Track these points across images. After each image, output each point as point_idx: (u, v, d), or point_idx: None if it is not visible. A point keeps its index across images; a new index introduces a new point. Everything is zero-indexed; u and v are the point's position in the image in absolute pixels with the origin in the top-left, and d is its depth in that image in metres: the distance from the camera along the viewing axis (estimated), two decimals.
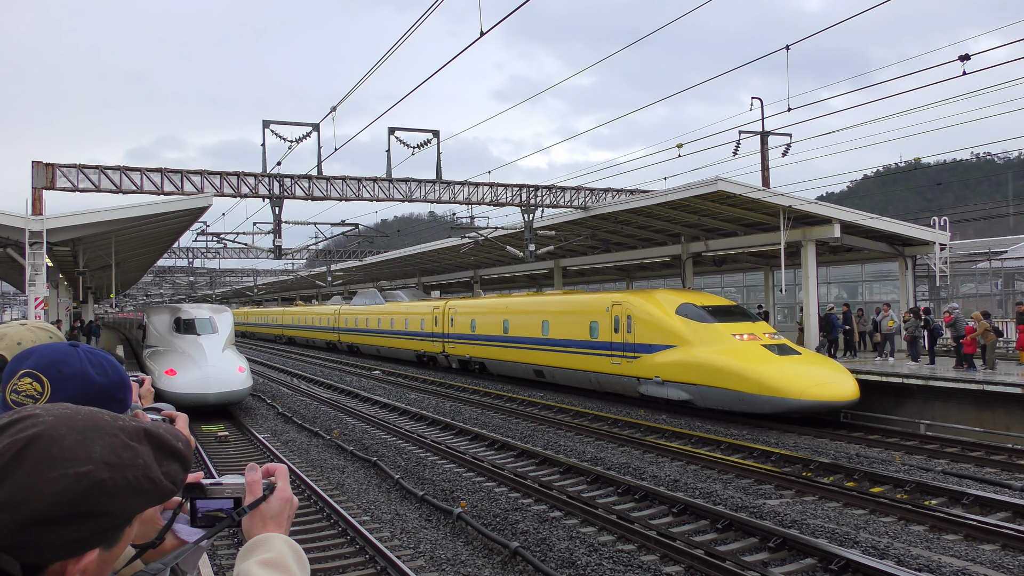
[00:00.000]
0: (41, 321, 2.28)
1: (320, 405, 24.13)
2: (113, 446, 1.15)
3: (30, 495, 1.06)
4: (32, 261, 19.35)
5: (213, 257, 44.89)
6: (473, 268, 42.53)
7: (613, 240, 30.47)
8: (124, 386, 1.69)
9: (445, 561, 9.63)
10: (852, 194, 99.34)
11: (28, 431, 1.11)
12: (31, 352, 1.67)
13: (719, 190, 20.46)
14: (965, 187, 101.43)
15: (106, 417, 1.20)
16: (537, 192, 25.52)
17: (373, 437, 18.11)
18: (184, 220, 23.78)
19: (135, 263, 37.11)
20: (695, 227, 26.18)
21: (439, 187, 24.40)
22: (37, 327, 2.17)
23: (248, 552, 1.47)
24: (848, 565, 8.71)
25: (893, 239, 24.91)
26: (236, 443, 18.42)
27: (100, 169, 20.74)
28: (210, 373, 21.38)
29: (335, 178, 23.36)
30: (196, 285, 68.28)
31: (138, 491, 1.16)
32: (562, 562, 9.36)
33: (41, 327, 2.17)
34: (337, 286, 60.09)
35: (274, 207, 23.03)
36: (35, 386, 1.60)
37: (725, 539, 10.15)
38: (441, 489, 13.05)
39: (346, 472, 14.73)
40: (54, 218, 19.57)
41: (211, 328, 23.54)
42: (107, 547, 1.16)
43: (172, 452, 1.25)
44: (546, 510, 11.67)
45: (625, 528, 10.39)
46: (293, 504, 1.59)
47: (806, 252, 23.20)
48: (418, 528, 11.05)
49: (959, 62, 14.23)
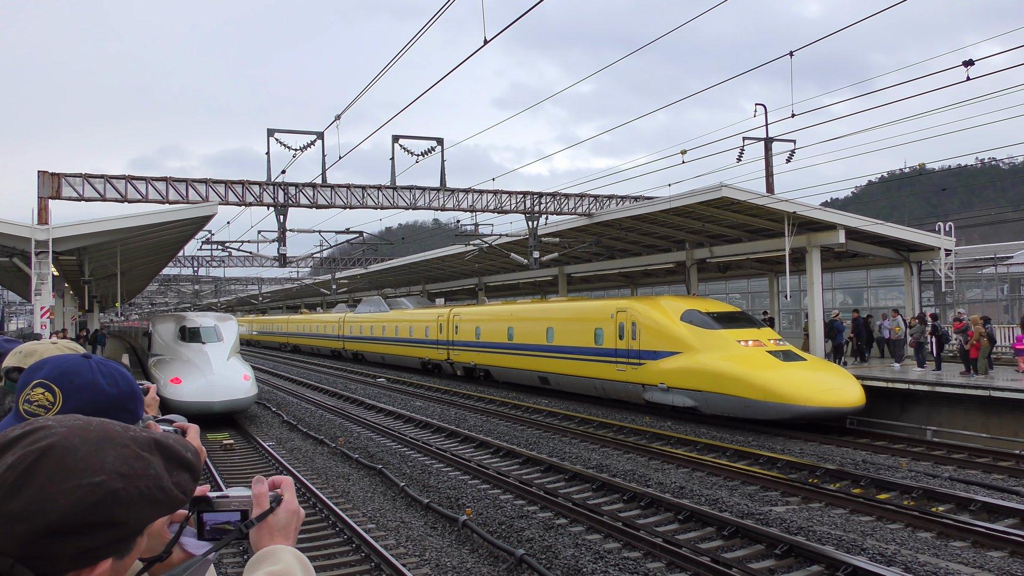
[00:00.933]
0: (70, 342, 2.30)
1: (325, 413, 24.13)
2: (125, 456, 1.16)
3: (45, 506, 1.07)
4: (38, 270, 19.40)
5: (218, 265, 44.95)
6: (477, 275, 42.54)
7: (617, 247, 30.48)
8: (135, 397, 1.71)
9: (450, 569, 9.62)
10: (857, 200, 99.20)
11: (42, 442, 1.12)
12: (44, 363, 1.69)
13: (723, 196, 20.45)
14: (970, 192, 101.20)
15: (117, 428, 1.21)
16: (541, 199, 25.54)
17: (378, 445, 18.10)
18: (189, 229, 23.84)
19: (140, 272, 37.19)
20: (699, 233, 26.16)
21: (443, 195, 24.43)
22: (67, 347, 2.19)
23: (256, 564, 1.48)
24: (855, 572, 8.68)
25: (898, 245, 24.85)
26: (241, 451, 18.42)
27: (105, 178, 20.81)
28: (215, 381, 21.41)
29: (339, 186, 23.41)
30: (201, 293, 68.39)
31: (150, 501, 1.17)
32: (568, 569, 9.34)
33: (70, 347, 2.19)
34: (342, 294, 60.16)
35: (279, 215, 23.06)
36: (47, 396, 1.62)
37: (731, 546, 10.12)
38: (446, 496, 13.04)
39: (351, 480, 14.72)
40: (60, 227, 19.62)
41: (216, 336, 23.59)
42: (119, 557, 1.17)
43: (182, 462, 1.26)
44: (551, 517, 11.65)
45: (631, 535, 10.37)
46: (300, 516, 1.60)
47: (811, 258, 23.16)
48: (423, 536, 11.04)
49: (963, 67, 14.24)
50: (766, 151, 27.78)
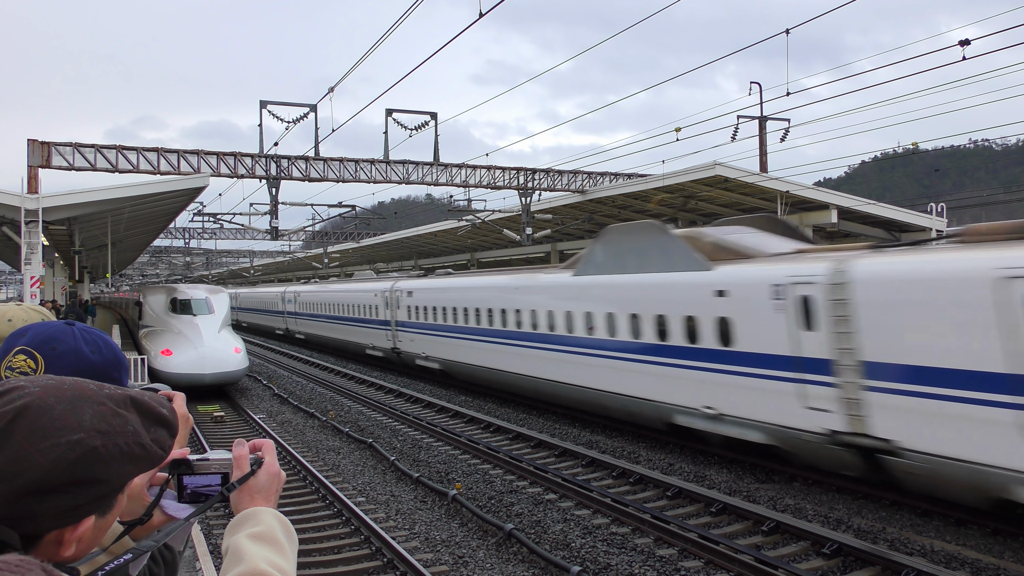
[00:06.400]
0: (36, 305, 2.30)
1: (316, 386, 24.16)
2: (102, 414, 1.16)
3: (24, 465, 1.07)
4: (28, 240, 19.27)
5: (210, 238, 44.76)
6: (470, 251, 42.50)
7: (610, 224, 30.45)
8: (119, 364, 1.69)
9: (440, 542, 9.68)
10: (849, 180, 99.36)
11: (16, 403, 1.11)
12: (26, 329, 1.67)
13: (717, 175, 20.45)
14: (963, 173, 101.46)
15: (91, 386, 1.20)
16: (535, 175, 25.46)
17: (369, 419, 18.14)
18: (181, 200, 23.69)
19: (131, 243, 36.99)
20: (693, 211, 26.16)
21: (436, 169, 24.32)
22: (31, 308, 2.19)
23: (237, 526, 1.47)
24: (839, 549, 8.77)
25: (890, 225, 24.92)
26: (232, 423, 18.45)
27: (96, 148, 20.63)
28: (206, 354, 21.39)
29: (332, 159, 23.27)
30: (192, 265, 68.14)
31: (130, 457, 1.17)
32: (556, 544, 9.41)
33: (35, 309, 2.19)
34: (334, 268, 60.02)
35: (271, 188, 22.93)
36: (29, 363, 1.60)
37: (719, 523, 10.21)
38: (436, 471, 13.10)
39: (342, 453, 14.77)
40: (50, 196, 19.46)
41: (207, 309, 23.53)
42: (101, 514, 1.18)
43: (159, 418, 1.26)
44: (541, 493, 11.72)
45: (619, 511, 10.44)
46: (281, 478, 1.59)
47: None
48: (413, 509, 11.10)
49: (959, 47, 14.19)
50: (760, 130, 27.69)
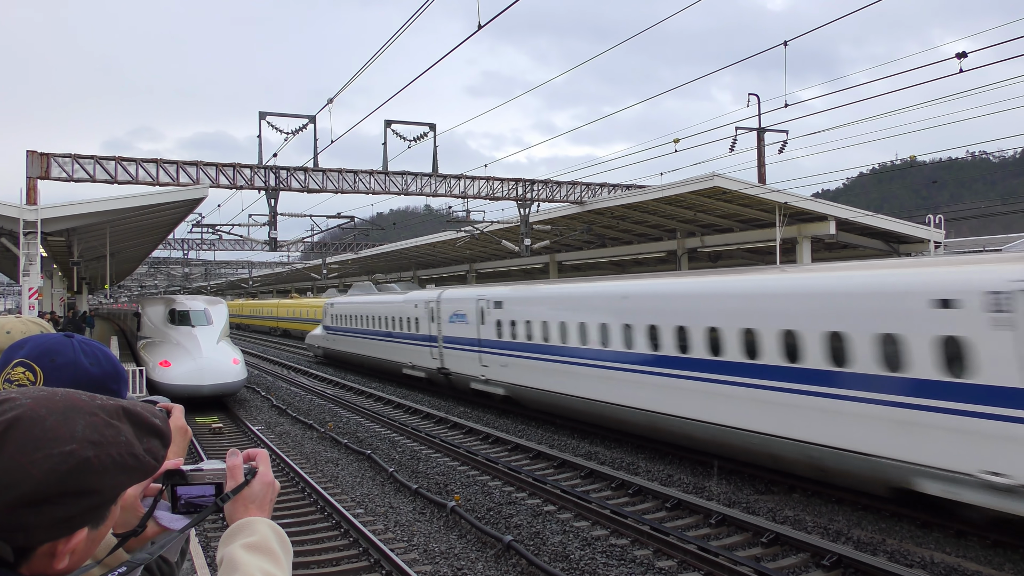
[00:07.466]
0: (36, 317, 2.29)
1: (314, 398, 24.11)
2: (95, 424, 1.15)
3: (17, 477, 1.06)
4: (27, 251, 19.24)
5: (208, 249, 44.78)
6: (469, 262, 42.48)
7: (609, 235, 30.47)
8: (118, 377, 1.69)
9: (439, 554, 9.64)
10: (848, 191, 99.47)
11: (7, 414, 1.10)
12: (25, 342, 1.67)
13: (715, 186, 20.46)
14: (960, 185, 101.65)
15: (83, 397, 1.20)
16: (533, 186, 25.48)
17: (367, 430, 18.11)
18: (180, 211, 23.69)
19: (130, 254, 36.95)
20: (691, 223, 26.18)
21: (435, 180, 24.33)
22: (30, 320, 2.18)
23: (231, 536, 1.47)
24: (839, 561, 8.74)
25: (888, 236, 24.94)
26: (230, 435, 18.40)
27: (95, 159, 20.62)
28: (204, 365, 21.35)
29: (331, 170, 23.28)
30: (191, 276, 68.08)
31: (123, 468, 1.16)
32: (555, 556, 9.37)
33: (34, 321, 2.18)
34: (332, 279, 59.98)
35: (270, 199, 22.92)
36: (28, 375, 1.60)
37: (718, 534, 10.17)
38: (435, 483, 13.06)
39: (340, 465, 14.73)
40: (49, 208, 19.45)
41: (206, 320, 23.50)
42: (95, 526, 1.17)
43: (151, 428, 1.25)
44: (540, 504, 11.69)
45: (619, 523, 10.41)
46: (275, 488, 1.59)
47: (801, 249, 23.21)
48: (412, 521, 11.06)
49: (956, 60, 14.23)
50: (758, 141, 27.75)
